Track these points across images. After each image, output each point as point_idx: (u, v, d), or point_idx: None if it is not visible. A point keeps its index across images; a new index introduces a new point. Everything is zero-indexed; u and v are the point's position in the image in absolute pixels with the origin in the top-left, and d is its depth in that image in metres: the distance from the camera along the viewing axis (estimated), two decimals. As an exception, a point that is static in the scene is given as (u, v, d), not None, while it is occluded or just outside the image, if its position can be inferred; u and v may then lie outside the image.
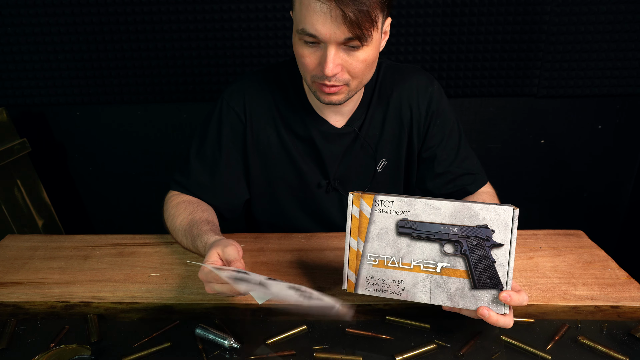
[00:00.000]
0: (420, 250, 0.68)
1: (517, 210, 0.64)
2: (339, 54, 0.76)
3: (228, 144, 0.96)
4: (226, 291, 0.68)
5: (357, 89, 0.85)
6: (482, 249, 0.65)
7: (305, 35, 0.76)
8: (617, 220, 1.96)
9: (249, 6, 1.59)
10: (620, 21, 1.58)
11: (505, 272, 0.65)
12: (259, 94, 0.96)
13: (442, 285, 0.67)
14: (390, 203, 0.68)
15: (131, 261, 0.93)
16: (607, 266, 0.87)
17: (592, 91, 1.69)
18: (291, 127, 0.96)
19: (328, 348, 0.70)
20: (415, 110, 0.97)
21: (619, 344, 0.70)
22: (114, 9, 1.60)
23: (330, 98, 0.83)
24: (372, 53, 0.79)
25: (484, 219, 0.65)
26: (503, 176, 1.87)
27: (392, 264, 0.69)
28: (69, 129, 1.83)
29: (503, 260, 0.65)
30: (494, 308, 0.66)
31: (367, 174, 1.01)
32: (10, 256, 0.96)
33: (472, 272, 0.66)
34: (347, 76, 0.80)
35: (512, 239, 0.65)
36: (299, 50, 0.80)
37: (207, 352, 0.69)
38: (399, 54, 1.65)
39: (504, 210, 0.64)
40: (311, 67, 0.80)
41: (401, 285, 0.68)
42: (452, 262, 0.67)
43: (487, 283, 0.65)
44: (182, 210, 0.90)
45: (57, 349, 0.69)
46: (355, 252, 0.70)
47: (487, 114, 1.77)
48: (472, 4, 1.57)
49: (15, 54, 1.67)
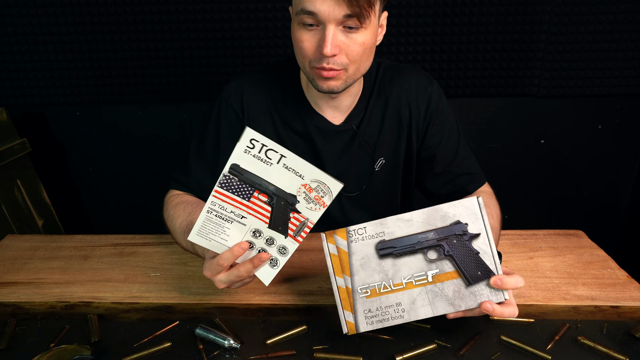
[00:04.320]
0: (406, 265, 0.68)
1: (481, 199, 0.68)
2: (338, 35, 0.77)
3: (226, 142, 0.97)
4: (234, 278, 0.69)
5: (354, 77, 0.85)
6: (462, 245, 0.67)
7: (304, 15, 0.76)
8: (617, 220, 1.96)
9: (248, 6, 1.59)
10: (620, 21, 1.58)
11: (492, 259, 0.66)
12: (257, 91, 0.96)
13: (439, 293, 0.67)
14: (364, 229, 0.69)
15: (131, 261, 0.93)
16: (607, 266, 0.87)
17: (592, 91, 1.69)
18: (288, 124, 0.96)
19: (328, 348, 0.70)
20: (414, 110, 0.97)
21: (619, 344, 0.70)
22: (114, 9, 1.60)
23: (329, 84, 0.82)
24: (370, 38, 0.80)
25: (454, 216, 0.68)
26: (503, 176, 1.87)
27: (384, 289, 0.68)
28: (69, 129, 1.83)
29: (485, 249, 0.67)
30: (493, 298, 0.66)
31: (364, 172, 1.01)
32: (10, 256, 0.96)
33: (461, 270, 0.67)
34: (345, 60, 0.80)
35: (486, 225, 0.67)
36: (297, 36, 0.80)
37: (207, 352, 0.69)
38: (399, 54, 1.65)
39: (469, 202, 0.67)
40: (310, 52, 0.80)
41: (400, 308, 0.68)
42: (440, 267, 0.67)
43: (479, 275, 0.66)
44: (181, 211, 0.90)
45: (57, 349, 0.69)
46: (345, 289, 0.69)
47: (487, 114, 1.77)
48: (472, 4, 1.57)
49: (15, 54, 1.67)
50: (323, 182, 0.65)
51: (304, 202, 0.67)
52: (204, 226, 0.69)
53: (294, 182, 0.65)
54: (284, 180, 0.65)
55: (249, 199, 0.67)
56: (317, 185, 0.65)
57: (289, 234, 0.69)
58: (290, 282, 0.84)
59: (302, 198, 0.66)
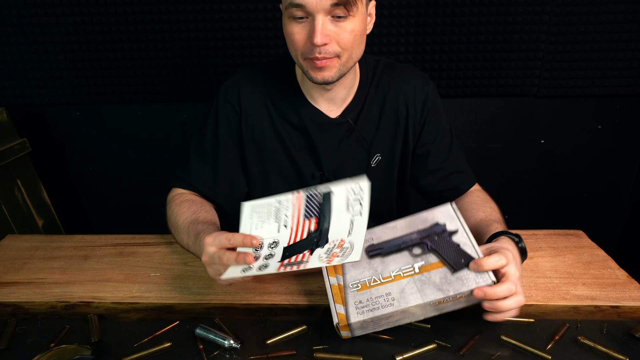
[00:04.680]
0: (394, 261, 0.73)
1: (454, 204, 0.77)
2: (327, 24, 0.79)
3: (225, 137, 0.98)
4: (216, 260, 0.66)
5: (347, 65, 0.86)
6: (443, 240, 0.73)
7: (293, 9, 0.78)
8: (617, 220, 1.96)
9: (248, 6, 1.59)
10: (620, 21, 1.58)
11: (472, 249, 0.70)
12: (253, 86, 0.98)
13: (426, 281, 0.69)
14: None
15: (131, 261, 0.93)
16: (607, 266, 0.88)
17: (592, 91, 1.69)
18: (285, 117, 0.98)
19: (328, 348, 0.70)
20: (411, 108, 0.99)
21: (619, 344, 0.70)
22: (114, 9, 1.60)
23: (323, 74, 0.84)
24: (359, 25, 0.82)
25: (433, 219, 0.76)
26: (503, 176, 1.87)
27: (374, 282, 0.71)
28: (69, 129, 1.83)
29: (465, 241, 0.71)
30: (481, 281, 0.67)
31: (360, 168, 1.02)
32: (10, 256, 0.96)
33: (445, 259, 0.70)
34: (337, 48, 0.82)
35: (462, 222, 0.74)
36: (288, 29, 0.82)
37: (207, 352, 0.69)
38: (399, 54, 1.65)
39: (444, 207, 0.77)
40: (301, 44, 0.82)
41: (390, 297, 0.69)
42: (425, 259, 0.72)
43: (462, 263, 0.69)
44: (186, 209, 0.91)
45: (57, 349, 0.69)
46: (337, 286, 0.73)
47: (487, 114, 1.77)
48: (472, 4, 1.57)
49: (15, 54, 1.67)
50: (352, 247, 0.66)
51: (324, 250, 0.66)
52: (261, 206, 0.65)
53: (339, 232, 0.66)
54: (337, 226, 0.65)
55: (307, 219, 0.66)
56: (348, 247, 0.66)
57: (282, 261, 0.67)
58: (290, 282, 0.84)
59: (327, 247, 0.66)
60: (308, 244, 0.66)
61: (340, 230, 0.65)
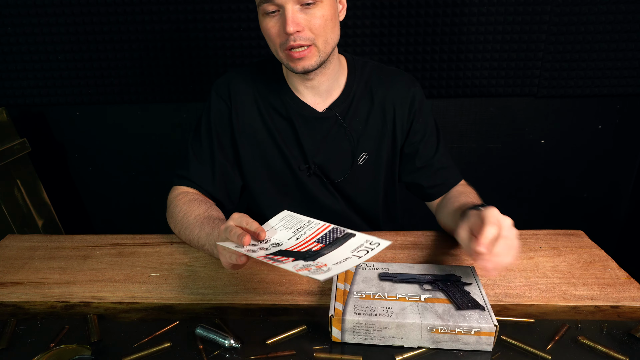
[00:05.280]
0: (402, 288, 0.76)
1: (474, 268, 0.80)
2: (297, 13, 0.83)
3: (218, 131, 1.02)
4: (230, 234, 0.71)
5: (326, 51, 0.89)
6: (455, 286, 0.76)
7: (265, 4, 0.84)
8: (617, 220, 1.96)
9: (248, 6, 1.59)
10: (620, 21, 1.58)
11: (482, 299, 0.72)
12: (243, 80, 1.02)
13: (429, 308, 0.70)
14: (372, 265, 0.82)
15: (131, 261, 0.93)
16: (607, 266, 0.87)
17: (592, 91, 1.69)
18: (273, 110, 1.01)
19: (328, 348, 0.70)
20: (398, 108, 1.02)
21: (619, 344, 0.70)
22: (114, 9, 1.60)
23: (303, 63, 0.87)
24: (329, 10, 0.86)
25: (450, 270, 0.80)
26: (503, 176, 1.87)
27: (378, 297, 0.73)
28: (69, 129, 1.83)
29: (476, 292, 0.74)
30: (483, 325, 0.66)
31: (346, 165, 1.04)
32: (10, 256, 0.96)
33: (452, 299, 0.72)
34: (310, 34, 0.85)
35: (478, 281, 0.77)
36: (264, 25, 0.87)
37: (207, 352, 0.69)
38: (399, 53, 1.65)
39: (465, 267, 0.81)
40: (276, 36, 0.86)
41: (390, 310, 0.70)
42: (433, 294, 0.74)
43: (468, 306, 0.71)
44: (197, 207, 0.95)
45: (57, 349, 0.69)
46: (343, 290, 0.75)
47: (487, 114, 1.77)
48: (472, 4, 1.57)
49: (15, 54, 1.67)
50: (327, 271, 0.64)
51: (305, 263, 0.67)
52: (293, 218, 0.77)
53: (330, 260, 0.67)
54: (333, 256, 0.67)
55: (317, 242, 0.71)
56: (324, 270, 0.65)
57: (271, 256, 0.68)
58: (290, 282, 0.84)
59: (310, 263, 0.67)
60: (299, 256, 0.68)
61: (331, 259, 0.67)
